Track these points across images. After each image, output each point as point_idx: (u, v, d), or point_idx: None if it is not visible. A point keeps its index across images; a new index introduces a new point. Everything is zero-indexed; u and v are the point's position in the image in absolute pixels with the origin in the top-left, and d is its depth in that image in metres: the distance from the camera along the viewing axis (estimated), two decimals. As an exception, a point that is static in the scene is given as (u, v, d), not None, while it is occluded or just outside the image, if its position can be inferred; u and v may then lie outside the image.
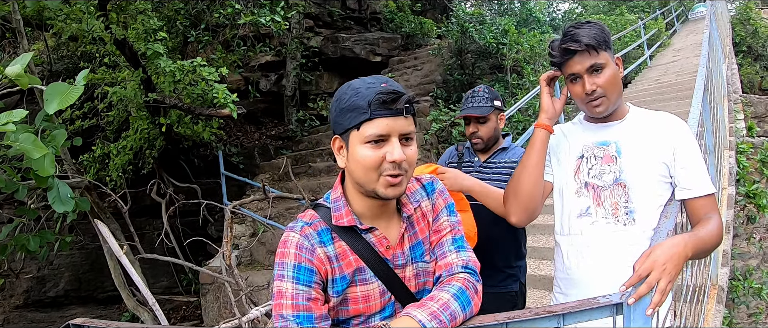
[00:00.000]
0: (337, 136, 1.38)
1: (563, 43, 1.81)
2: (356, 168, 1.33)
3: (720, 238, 1.70)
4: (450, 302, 1.31)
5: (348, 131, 1.32)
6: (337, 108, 1.34)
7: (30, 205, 5.17)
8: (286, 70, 10.87)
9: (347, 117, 1.31)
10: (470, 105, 2.67)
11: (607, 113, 1.87)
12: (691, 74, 9.15)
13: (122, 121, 7.57)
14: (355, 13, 13.29)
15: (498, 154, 2.69)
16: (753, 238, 5.09)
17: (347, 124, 1.31)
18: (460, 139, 7.94)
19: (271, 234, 7.40)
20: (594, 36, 1.77)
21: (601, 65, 1.78)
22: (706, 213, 1.74)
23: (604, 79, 1.79)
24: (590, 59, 1.78)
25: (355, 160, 1.32)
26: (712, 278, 3.78)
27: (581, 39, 1.76)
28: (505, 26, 9.93)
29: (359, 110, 1.28)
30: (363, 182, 1.34)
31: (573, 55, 1.80)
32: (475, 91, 2.70)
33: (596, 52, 1.77)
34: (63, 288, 9.26)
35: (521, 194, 1.91)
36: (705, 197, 1.75)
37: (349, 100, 1.30)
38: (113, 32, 5.66)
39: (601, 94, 1.80)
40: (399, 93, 1.29)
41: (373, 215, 1.42)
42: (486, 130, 2.63)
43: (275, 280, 1.33)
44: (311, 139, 10.37)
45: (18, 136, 2.67)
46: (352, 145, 1.33)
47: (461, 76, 9.98)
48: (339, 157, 1.40)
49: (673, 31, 18.69)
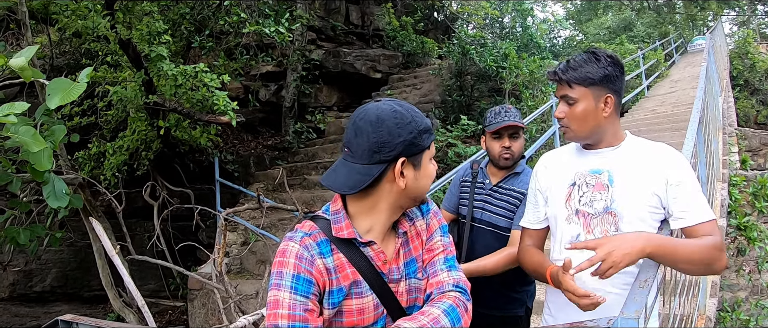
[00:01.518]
0: (406, 158, 1.38)
1: (550, 71, 1.95)
2: (426, 183, 1.45)
3: (708, 256, 1.67)
4: (440, 317, 1.33)
5: (422, 151, 1.41)
6: (416, 130, 1.38)
7: (22, 198, 5.15)
8: (286, 81, 10.91)
9: (424, 137, 1.39)
10: (504, 118, 2.56)
11: (577, 142, 1.96)
12: (687, 106, 9.23)
13: (120, 121, 7.57)
14: (357, 29, 13.40)
15: (510, 179, 2.63)
16: (743, 270, 5.12)
17: (426, 144, 1.41)
18: (455, 160, 7.97)
19: (263, 244, 7.38)
20: (576, 70, 1.85)
21: (572, 99, 1.86)
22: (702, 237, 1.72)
23: (571, 111, 1.87)
24: (563, 90, 1.88)
25: (427, 176, 1.45)
26: (700, 308, 3.79)
27: (559, 72, 1.88)
28: (506, 50, 10.02)
29: (430, 132, 1.42)
30: (422, 193, 1.46)
31: (556, 81, 1.92)
32: (504, 107, 2.62)
33: (569, 86, 1.85)
34: (49, 284, 9.20)
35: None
36: (701, 225, 1.73)
37: (423, 122, 1.40)
38: (118, 32, 5.69)
39: (566, 123, 1.90)
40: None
41: (381, 230, 1.45)
42: (518, 146, 2.59)
43: (272, 289, 1.32)
44: (307, 151, 10.38)
45: (18, 129, 2.68)
46: (424, 162, 1.43)
47: (460, 97, 10.05)
48: (400, 181, 1.38)
49: (671, 63, 18.88)
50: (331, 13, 12.77)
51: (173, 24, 7.21)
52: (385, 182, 1.39)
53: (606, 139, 1.91)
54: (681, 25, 26.23)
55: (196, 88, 6.23)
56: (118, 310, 6.11)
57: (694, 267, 1.71)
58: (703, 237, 1.69)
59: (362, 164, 1.36)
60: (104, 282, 6.03)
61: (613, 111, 1.88)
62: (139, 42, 6.20)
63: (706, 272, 1.82)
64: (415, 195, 1.44)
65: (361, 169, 1.36)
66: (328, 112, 11.60)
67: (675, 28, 25.27)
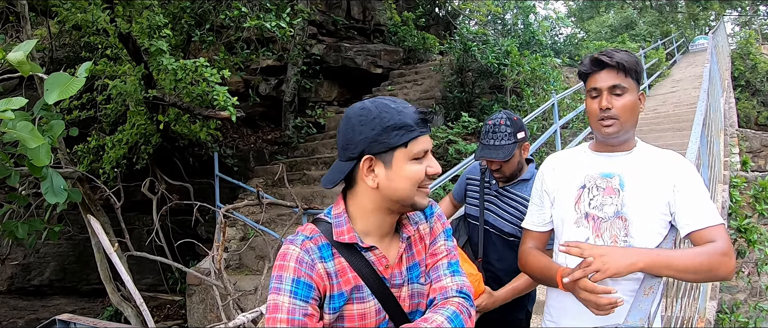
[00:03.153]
0: (371, 156, 1.36)
1: (598, 56, 1.83)
2: (402, 185, 1.36)
3: (705, 261, 1.63)
4: (444, 324, 1.32)
5: (393, 149, 1.34)
6: (380, 127, 1.33)
7: (21, 192, 5.13)
8: (286, 75, 10.88)
9: (394, 135, 1.33)
10: (491, 143, 2.42)
11: (616, 139, 1.86)
12: (688, 106, 9.22)
13: (120, 114, 7.54)
14: (358, 24, 13.36)
15: (518, 185, 2.51)
16: (742, 272, 5.11)
17: (394, 142, 1.33)
18: (455, 157, 7.95)
19: (262, 239, 7.35)
20: (627, 60, 1.79)
21: (623, 88, 1.79)
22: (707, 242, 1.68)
23: (622, 102, 1.79)
24: (616, 79, 1.79)
25: (403, 177, 1.35)
26: (700, 311, 3.78)
27: (614, 56, 1.79)
28: (508, 47, 9.97)
29: (407, 128, 1.33)
30: (406, 196, 1.37)
31: (601, 69, 1.81)
32: (496, 124, 2.43)
33: (624, 74, 1.79)
34: (48, 277, 9.19)
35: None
36: (708, 230, 1.69)
37: (394, 118, 1.33)
38: (118, 25, 5.65)
39: (614, 115, 1.80)
40: (428, 113, 1.40)
41: (381, 234, 1.43)
42: (509, 167, 2.45)
43: (271, 293, 1.32)
44: (307, 146, 10.35)
45: (15, 124, 2.65)
46: (397, 163, 1.35)
47: (461, 93, 10.01)
48: (369, 179, 1.37)
49: (673, 62, 18.85)
50: (332, 8, 12.73)
51: (173, 17, 7.17)
52: (361, 181, 1.39)
53: (627, 141, 1.89)
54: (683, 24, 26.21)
55: (196, 83, 6.20)
56: (116, 304, 6.10)
57: (695, 276, 1.67)
58: (705, 244, 1.66)
59: (339, 161, 1.41)
60: (102, 276, 6.02)
61: None
62: (138, 36, 6.16)
63: (710, 279, 1.78)
64: (393, 197, 1.38)
65: (338, 165, 1.41)
66: (329, 107, 11.58)
67: (677, 27, 25.23)
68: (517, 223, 2.46)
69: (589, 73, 1.86)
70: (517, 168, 2.48)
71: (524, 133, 2.47)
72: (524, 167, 2.55)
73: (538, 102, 9.29)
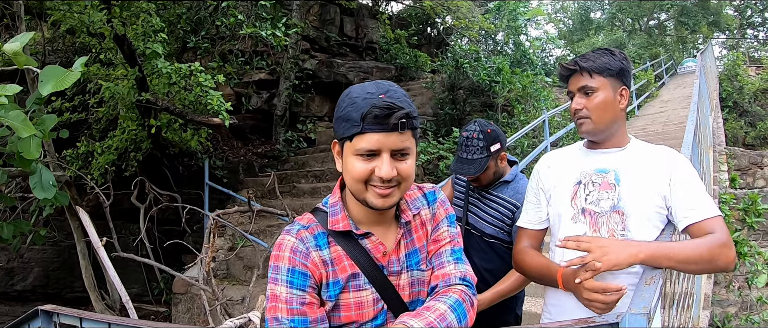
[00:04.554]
0: (336, 141, 1.37)
1: (566, 62, 1.92)
2: (347, 178, 1.34)
3: (705, 252, 1.63)
4: (447, 313, 1.29)
5: (343, 140, 1.32)
6: (336, 115, 1.33)
7: (7, 193, 5.04)
8: (278, 89, 10.87)
9: (342, 126, 1.29)
10: (464, 157, 2.41)
11: (595, 136, 1.91)
12: (677, 124, 9.35)
13: (111, 120, 7.48)
14: (351, 41, 13.45)
15: (499, 187, 2.51)
16: (732, 285, 5.13)
17: (341, 134, 1.30)
18: (446, 172, 7.96)
19: (251, 249, 7.28)
20: (595, 61, 1.85)
21: (591, 88, 1.85)
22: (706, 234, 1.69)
23: (592, 102, 1.85)
24: (582, 81, 1.86)
25: (346, 170, 1.33)
26: (693, 319, 3.77)
27: (579, 61, 1.88)
28: (499, 65, 10.08)
29: (352, 122, 1.26)
30: (353, 190, 1.34)
31: (571, 74, 1.90)
32: (469, 137, 2.42)
33: (589, 75, 1.85)
34: (31, 283, 9.01)
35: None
36: (706, 221, 1.70)
37: (344, 109, 1.29)
38: (114, 26, 5.63)
39: (585, 114, 1.86)
40: (394, 108, 1.24)
41: (371, 221, 1.41)
42: (485, 177, 2.47)
43: (269, 283, 1.32)
44: (298, 159, 10.32)
45: (7, 113, 2.61)
46: (345, 154, 1.32)
47: (452, 110, 10.07)
48: (337, 162, 1.38)
49: (661, 84, 19.15)
50: (325, 24, 12.81)
51: (169, 24, 7.17)
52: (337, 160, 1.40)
53: (616, 137, 1.92)
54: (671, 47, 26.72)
55: (189, 89, 6.18)
56: (100, 312, 5.97)
57: (696, 266, 1.67)
58: (705, 236, 1.67)
59: None
60: (87, 283, 5.90)
61: (626, 105, 1.90)
62: (134, 39, 6.14)
63: (710, 270, 1.79)
64: (349, 188, 1.37)
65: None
66: (319, 122, 11.58)
67: (665, 50, 25.71)
68: (498, 224, 2.48)
69: (566, 77, 1.94)
70: (494, 178, 2.50)
71: (500, 144, 2.44)
72: (506, 171, 2.55)
73: (529, 119, 9.37)
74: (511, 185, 2.49)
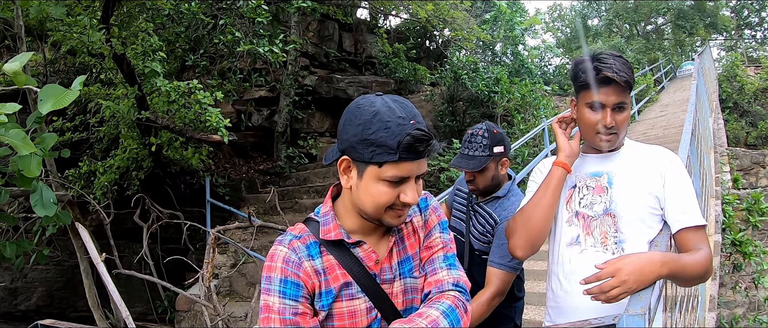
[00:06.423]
0: (347, 158, 1.31)
1: (603, 69, 1.74)
2: (366, 200, 1.30)
3: (706, 269, 1.66)
4: (439, 319, 1.28)
5: (365, 163, 1.26)
6: (360, 135, 1.24)
7: (10, 212, 5.05)
8: (279, 106, 10.93)
9: (370, 150, 1.23)
10: (465, 152, 2.40)
11: (613, 148, 1.90)
12: (677, 128, 9.33)
13: (112, 139, 7.52)
14: (350, 56, 13.53)
15: (490, 203, 2.46)
16: (739, 286, 5.08)
17: (367, 158, 1.24)
18: (447, 184, 7.96)
19: (253, 266, 7.27)
20: (628, 74, 1.75)
21: (626, 105, 1.80)
22: (695, 245, 1.71)
23: (623, 118, 1.80)
24: (621, 96, 1.76)
25: (368, 194, 1.29)
26: (699, 321, 3.74)
27: (622, 73, 1.72)
28: (498, 75, 10.12)
29: (386, 150, 1.22)
30: (371, 213, 1.32)
31: (609, 84, 1.75)
32: (474, 134, 2.40)
33: (627, 91, 1.78)
34: (34, 303, 9.01)
35: (532, 232, 1.88)
36: (694, 229, 1.72)
37: (376, 133, 1.22)
38: (113, 46, 5.68)
39: (615, 131, 1.81)
40: (429, 138, 1.23)
41: (363, 230, 1.41)
42: (483, 180, 2.40)
43: (263, 293, 1.32)
44: (299, 175, 10.35)
45: (7, 131, 2.63)
46: (367, 177, 1.28)
47: (452, 122, 10.10)
48: (344, 178, 1.34)
49: (661, 88, 19.17)
50: (324, 40, 12.90)
51: (168, 43, 7.23)
52: (342, 176, 1.36)
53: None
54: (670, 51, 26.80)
55: (189, 107, 6.21)
56: (102, 330, 5.95)
57: (696, 282, 1.75)
58: (700, 251, 1.68)
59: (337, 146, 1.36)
60: (90, 303, 5.88)
61: None
62: (133, 58, 6.19)
63: (699, 283, 1.87)
64: (359, 204, 1.33)
65: (334, 148, 1.36)
66: (321, 138, 11.62)
67: (664, 54, 25.78)
68: (483, 239, 2.44)
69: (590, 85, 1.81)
70: (492, 183, 2.43)
71: (504, 148, 2.40)
72: (503, 183, 2.49)
73: (529, 128, 9.38)
74: (502, 200, 2.44)
